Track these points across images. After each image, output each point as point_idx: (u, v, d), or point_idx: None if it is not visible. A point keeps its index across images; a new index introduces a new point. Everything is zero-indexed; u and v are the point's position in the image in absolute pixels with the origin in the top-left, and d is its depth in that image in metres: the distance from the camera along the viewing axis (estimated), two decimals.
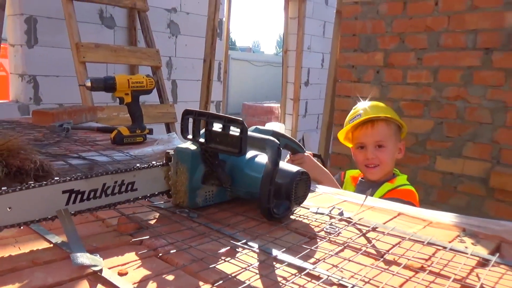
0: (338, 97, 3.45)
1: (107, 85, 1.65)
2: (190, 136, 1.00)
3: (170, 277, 0.68)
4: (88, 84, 1.62)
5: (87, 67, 3.27)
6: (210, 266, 0.71)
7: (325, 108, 3.80)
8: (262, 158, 1.01)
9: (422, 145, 2.94)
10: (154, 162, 1.00)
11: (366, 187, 1.79)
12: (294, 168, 0.99)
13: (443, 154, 2.85)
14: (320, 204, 1.11)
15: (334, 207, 1.07)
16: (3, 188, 0.74)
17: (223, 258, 0.76)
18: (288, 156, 1.55)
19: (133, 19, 4.30)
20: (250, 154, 1.04)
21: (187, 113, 1.00)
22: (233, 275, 0.70)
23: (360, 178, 1.90)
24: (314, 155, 1.66)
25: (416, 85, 2.96)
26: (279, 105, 7.75)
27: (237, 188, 1.03)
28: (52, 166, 1.10)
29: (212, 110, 5.10)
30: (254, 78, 13.95)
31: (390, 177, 1.82)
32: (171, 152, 1.01)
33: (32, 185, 0.78)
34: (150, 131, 1.85)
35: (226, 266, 0.73)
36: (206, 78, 4.01)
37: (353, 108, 1.93)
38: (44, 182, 0.79)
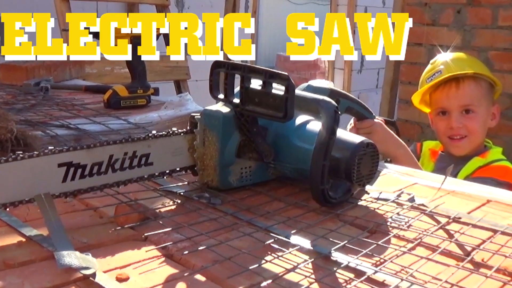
0: (407, 46, 3.39)
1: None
2: (221, 96, 1.02)
3: (185, 284, 0.69)
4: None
5: (71, 6, 3.28)
6: (239, 269, 0.72)
7: (388, 61, 3.76)
8: (315, 125, 1.02)
9: None
10: (174, 129, 1.02)
11: (450, 163, 1.79)
12: (357, 139, 1.00)
13: None
14: (384, 187, 1.12)
15: (402, 192, 1.08)
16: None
17: (253, 257, 0.76)
18: (351, 122, 1.57)
19: None
20: (300, 119, 1.06)
21: (217, 66, 1.02)
22: (269, 280, 0.70)
23: (440, 152, 1.92)
24: (387, 122, 1.66)
25: (510, 29, 2.88)
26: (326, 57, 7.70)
27: (282, 164, 1.06)
28: (37, 137, 1.12)
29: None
30: None
31: (480, 150, 1.85)
32: (197, 116, 1.03)
33: (21, 156, 0.80)
34: (156, 91, 1.86)
35: (258, 269, 0.73)
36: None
37: (431, 62, 1.94)
38: (35, 153, 0.81)
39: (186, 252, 0.77)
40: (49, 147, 0.84)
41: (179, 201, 0.99)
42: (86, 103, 1.79)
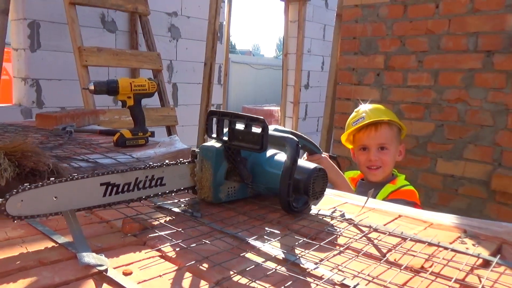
0: (339, 100, 3.46)
1: (110, 88, 1.66)
2: (214, 135, 1.06)
3: (174, 277, 0.69)
4: (91, 87, 1.63)
5: (89, 71, 3.29)
6: (213, 266, 0.72)
7: (326, 111, 3.81)
8: (281, 156, 1.07)
9: (423, 147, 2.94)
10: (181, 159, 1.06)
11: (367, 188, 1.80)
12: (311, 165, 1.03)
13: (444, 157, 2.85)
14: (322, 205, 1.11)
15: (335, 209, 1.07)
16: (51, 179, 0.81)
17: (225, 257, 0.76)
18: (304, 156, 1.58)
19: (135, 23, 4.33)
20: (269, 152, 1.09)
21: (211, 114, 1.06)
22: (235, 274, 0.70)
23: (360, 180, 1.92)
24: (331, 157, 1.67)
25: (416, 88, 2.96)
26: (279, 108, 7.76)
27: (258, 184, 1.08)
28: (66, 169, 1.13)
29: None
30: (254, 81, 13.97)
31: (390, 178, 1.85)
32: (197, 150, 1.07)
33: (76, 177, 0.84)
34: (152, 134, 1.86)
35: (229, 266, 0.73)
36: (206, 81, 4.02)
37: (355, 110, 1.96)
38: (86, 175, 0.86)
39: (175, 253, 0.77)
40: (95, 171, 0.88)
41: (169, 215, 0.98)
42: (100, 142, 1.77)
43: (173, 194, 1.04)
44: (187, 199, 1.09)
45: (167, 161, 1.01)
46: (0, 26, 3.39)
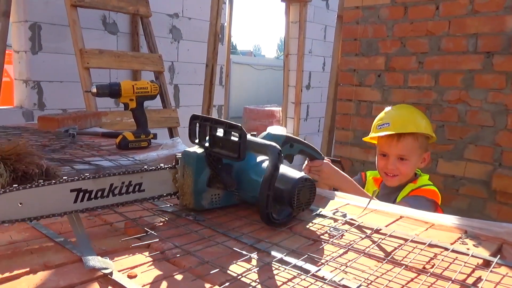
0: (340, 101, 3.46)
1: (112, 91, 1.67)
2: (197, 140, 1.03)
3: (178, 279, 0.70)
4: (94, 90, 1.64)
5: (91, 73, 3.30)
6: (217, 268, 0.73)
7: (327, 112, 3.81)
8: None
9: None
10: (162, 165, 1.02)
11: (390, 189, 1.81)
12: (297, 175, 0.97)
13: (445, 157, 2.86)
14: (324, 207, 1.12)
15: (337, 210, 1.08)
16: (14, 185, 0.78)
17: (229, 259, 0.77)
18: (305, 162, 1.51)
19: (136, 24, 4.33)
20: (259, 159, 1.05)
21: (194, 118, 1.03)
22: (238, 276, 0.71)
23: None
24: (333, 161, 1.59)
25: (417, 89, 2.97)
26: (280, 108, 7.76)
27: (244, 192, 1.04)
28: (58, 171, 1.12)
29: (214, 114, 5.13)
30: (256, 82, 13.97)
31: (412, 178, 1.82)
32: (179, 155, 1.03)
33: (42, 183, 0.81)
34: (155, 136, 1.86)
35: (232, 268, 0.74)
36: (208, 83, 4.03)
37: (384, 111, 1.88)
38: (54, 181, 0.82)
39: (178, 256, 0.77)
40: (64, 177, 0.85)
41: (172, 218, 0.98)
42: (103, 145, 1.77)
43: (154, 201, 1.01)
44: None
45: (145, 167, 0.98)
46: (1, 28, 3.40)
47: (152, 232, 0.88)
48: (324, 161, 1.50)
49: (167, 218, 0.98)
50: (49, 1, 3.72)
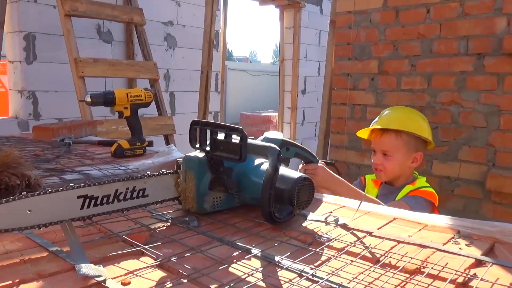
0: (334, 105, 3.47)
1: (107, 99, 1.67)
2: (197, 145, 1.05)
3: (172, 286, 0.70)
4: (88, 99, 1.64)
5: (86, 82, 3.30)
6: (211, 274, 0.73)
7: (322, 116, 3.82)
8: (267, 165, 1.03)
9: None
10: (164, 170, 1.04)
11: (389, 191, 1.87)
12: (296, 175, 1.01)
13: (439, 159, 2.87)
14: (317, 210, 1.12)
15: (330, 214, 1.08)
16: (23, 193, 0.80)
17: (223, 265, 0.77)
18: (300, 165, 1.54)
19: (130, 33, 4.34)
20: (257, 161, 1.08)
21: (194, 123, 1.05)
22: (233, 281, 0.71)
23: (383, 182, 1.93)
24: (327, 164, 1.62)
25: (410, 91, 2.98)
26: (276, 114, 7.77)
27: (244, 194, 1.06)
28: (40, 181, 1.11)
29: (210, 120, 5.12)
30: (251, 88, 13.98)
31: (410, 180, 1.87)
32: (180, 160, 1.05)
33: (50, 190, 0.82)
34: (150, 143, 1.86)
35: (227, 273, 0.74)
36: (203, 90, 4.04)
37: (384, 110, 1.98)
38: (61, 188, 0.84)
39: (172, 263, 0.77)
40: (71, 184, 0.86)
41: (166, 225, 0.98)
42: (97, 153, 1.77)
43: (157, 205, 1.02)
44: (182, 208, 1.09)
45: (148, 172, 0.99)
46: None
47: (147, 239, 0.88)
48: (319, 164, 1.53)
49: (161, 225, 0.98)
50: (43, 11, 3.73)
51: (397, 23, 3.02)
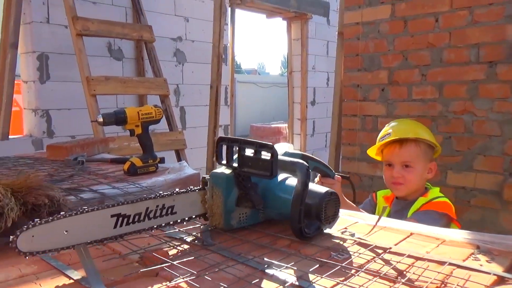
0: (345, 117, 3.46)
1: (118, 119, 1.68)
2: (224, 162, 1.06)
3: None
4: (100, 119, 1.65)
5: (98, 99, 3.33)
6: None
7: (333, 128, 3.81)
8: (292, 180, 1.05)
9: None
10: (192, 187, 1.05)
11: (402, 205, 1.82)
12: (323, 189, 1.01)
13: (454, 169, 2.83)
14: (332, 227, 1.11)
15: (346, 229, 1.07)
16: (61, 213, 0.81)
17: (239, 286, 0.76)
18: (317, 178, 1.56)
19: (140, 50, 4.38)
20: (280, 177, 1.08)
21: (221, 140, 1.06)
22: None
23: (395, 198, 1.89)
24: (343, 178, 1.63)
25: (421, 101, 2.96)
26: (286, 125, 7.77)
27: (269, 210, 1.07)
28: (66, 201, 1.12)
29: (220, 134, 5.13)
30: (261, 100, 14.03)
31: (423, 192, 1.82)
32: (207, 177, 1.06)
33: (86, 210, 0.84)
34: (162, 160, 1.86)
35: None
36: (213, 104, 4.05)
37: (386, 125, 1.94)
38: (96, 207, 0.85)
39: (187, 283, 0.76)
40: (105, 203, 0.88)
41: (180, 245, 0.97)
42: (111, 171, 1.77)
43: (184, 223, 1.03)
44: (198, 226, 1.09)
45: (177, 189, 1.01)
46: (10, 60, 3.46)
47: (161, 259, 0.87)
48: (335, 177, 1.55)
49: (175, 245, 0.97)
50: (55, 31, 3.78)
51: (406, 33, 3.01)
